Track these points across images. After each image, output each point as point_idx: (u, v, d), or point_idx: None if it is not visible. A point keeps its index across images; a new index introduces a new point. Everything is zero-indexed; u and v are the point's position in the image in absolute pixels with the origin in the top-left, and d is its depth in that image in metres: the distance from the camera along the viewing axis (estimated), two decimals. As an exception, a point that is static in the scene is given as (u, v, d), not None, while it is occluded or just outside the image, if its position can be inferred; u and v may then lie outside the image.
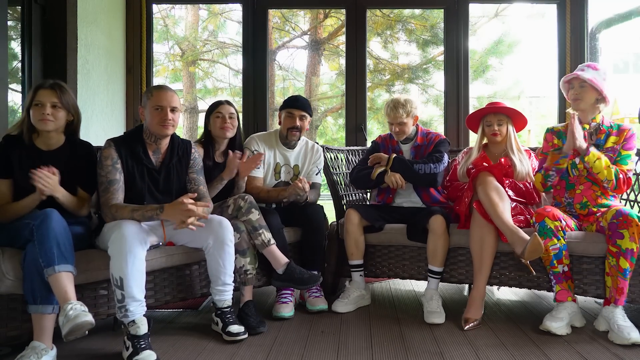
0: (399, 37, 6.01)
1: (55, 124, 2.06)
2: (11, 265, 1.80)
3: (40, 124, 2.03)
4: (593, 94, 2.33)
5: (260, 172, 2.68)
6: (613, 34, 4.63)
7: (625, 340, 2.00)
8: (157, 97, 2.14)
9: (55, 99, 2.05)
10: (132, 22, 3.78)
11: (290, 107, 2.68)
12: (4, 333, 1.83)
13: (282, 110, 2.72)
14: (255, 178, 2.66)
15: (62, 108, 2.08)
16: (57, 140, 2.13)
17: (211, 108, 2.63)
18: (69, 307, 1.70)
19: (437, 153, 2.64)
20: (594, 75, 2.32)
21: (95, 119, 3.37)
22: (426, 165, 2.57)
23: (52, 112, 2.03)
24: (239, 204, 2.37)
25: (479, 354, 1.96)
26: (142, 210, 2.01)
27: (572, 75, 2.36)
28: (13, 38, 3.04)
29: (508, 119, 2.62)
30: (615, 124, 2.39)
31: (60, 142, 2.14)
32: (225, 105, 2.60)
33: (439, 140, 2.71)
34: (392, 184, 2.57)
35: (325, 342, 2.10)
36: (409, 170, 2.57)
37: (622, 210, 2.14)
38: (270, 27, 4.80)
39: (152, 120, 2.13)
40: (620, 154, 2.32)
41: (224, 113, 2.57)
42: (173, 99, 2.16)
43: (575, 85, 2.36)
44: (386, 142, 2.82)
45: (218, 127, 2.57)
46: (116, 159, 2.10)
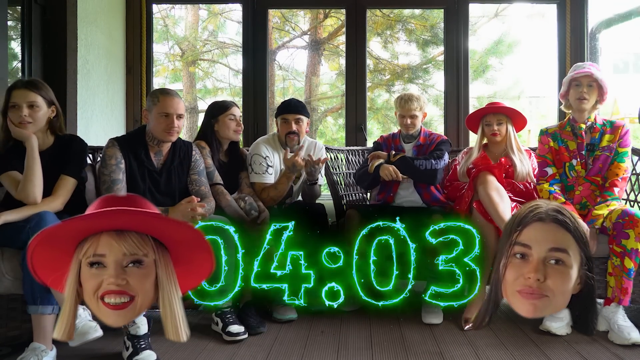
0: (399, 37, 6.00)
1: (35, 126, 1.99)
2: (11, 266, 1.80)
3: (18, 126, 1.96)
4: (597, 94, 2.34)
5: (272, 177, 2.66)
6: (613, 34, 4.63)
7: (625, 340, 2.00)
8: (163, 103, 2.12)
9: (32, 97, 1.97)
10: (132, 22, 3.78)
11: (283, 112, 2.66)
12: (4, 333, 1.84)
13: (277, 118, 2.71)
14: (266, 184, 2.65)
15: (41, 106, 2.00)
16: (43, 140, 2.06)
17: (221, 109, 2.58)
18: None
19: (438, 151, 2.67)
20: (601, 75, 2.32)
21: (95, 119, 3.37)
22: (427, 161, 2.59)
23: (29, 112, 1.96)
24: (239, 204, 2.37)
25: (479, 354, 1.96)
26: None
27: (584, 72, 2.31)
28: (13, 38, 3.04)
29: (508, 118, 2.62)
30: (608, 121, 2.40)
31: (48, 143, 2.08)
32: (236, 108, 2.60)
33: (440, 140, 2.74)
34: (387, 177, 2.57)
35: (325, 342, 2.10)
36: (410, 166, 2.58)
37: (627, 210, 2.14)
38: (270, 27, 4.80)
39: (158, 126, 2.12)
40: (617, 152, 2.33)
41: (236, 116, 2.57)
42: (179, 106, 2.15)
43: (584, 84, 2.33)
44: (388, 142, 2.82)
45: (232, 130, 2.56)
46: (120, 159, 2.10)
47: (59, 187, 2.02)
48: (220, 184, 2.43)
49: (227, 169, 2.59)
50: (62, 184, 2.03)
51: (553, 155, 2.46)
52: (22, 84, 1.99)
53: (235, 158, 2.67)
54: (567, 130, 2.44)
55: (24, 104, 1.96)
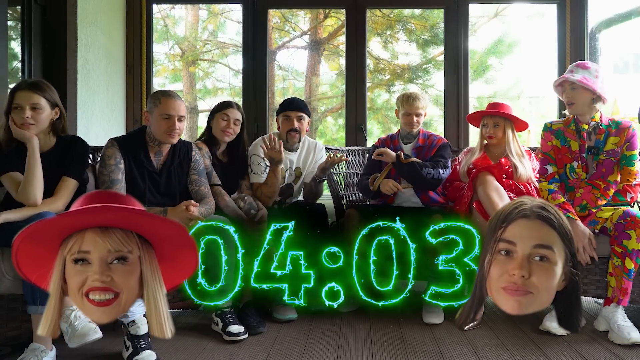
0: (399, 37, 6.00)
1: (37, 127, 1.98)
2: (11, 266, 1.80)
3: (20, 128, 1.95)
4: (587, 94, 2.26)
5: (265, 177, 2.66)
6: (613, 34, 4.62)
7: (625, 340, 2.00)
8: (165, 105, 2.11)
9: (35, 99, 1.96)
10: (132, 22, 3.78)
11: (286, 109, 2.65)
12: (4, 333, 1.84)
13: (278, 115, 2.70)
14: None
15: (44, 108, 1.99)
16: (45, 142, 2.05)
17: (219, 107, 2.59)
18: (72, 315, 1.70)
19: (442, 159, 2.65)
20: (583, 75, 2.25)
21: (95, 119, 3.37)
22: (435, 170, 2.57)
23: (32, 114, 1.95)
24: (238, 204, 2.37)
25: (479, 354, 1.96)
26: None
27: (561, 79, 2.30)
28: (13, 38, 3.04)
29: (506, 121, 2.60)
30: (613, 121, 2.34)
31: (50, 144, 2.08)
32: (235, 110, 2.57)
33: (441, 144, 2.72)
34: (389, 192, 2.57)
35: (325, 342, 2.10)
36: (417, 173, 2.56)
37: (629, 211, 2.13)
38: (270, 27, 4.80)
39: (159, 128, 2.12)
40: (625, 156, 2.28)
41: (230, 117, 2.56)
42: (181, 108, 2.15)
43: (567, 89, 2.31)
44: (387, 144, 2.81)
45: (220, 129, 2.55)
46: (119, 159, 2.10)
47: (61, 188, 2.02)
48: (219, 184, 2.43)
49: (225, 169, 2.59)
50: (64, 185, 2.03)
51: (555, 154, 2.42)
52: (25, 85, 1.98)
53: (234, 158, 2.66)
54: (572, 129, 2.38)
55: (27, 106, 1.95)
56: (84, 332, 1.67)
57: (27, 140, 1.94)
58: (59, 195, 2.00)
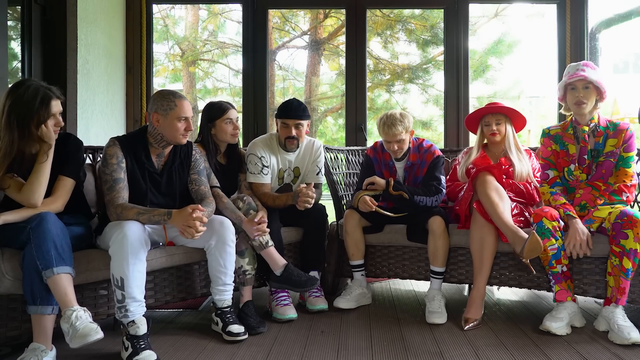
0: (399, 37, 6.01)
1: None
2: (11, 266, 1.80)
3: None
4: (595, 94, 2.30)
5: (268, 177, 2.65)
6: (613, 34, 4.63)
7: (625, 340, 2.00)
8: (180, 107, 2.11)
9: (61, 107, 2.01)
10: (132, 22, 3.78)
11: (283, 117, 2.60)
12: (4, 333, 1.83)
13: (277, 119, 2.68)
14: (263, 185, 2.62)
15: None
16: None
17: (218, 113, 2.54)
18: (73, 315, 1.69)
19: (435, 181, 2.54)
20: (596, 75, 2.28)
21: (95, 119, 3.37)
22: (428, 198, 2.50)
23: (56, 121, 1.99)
24: (237, 205, 2.37)
25: (479, 354, 1.96)
26: (149, 214, 1.99)
27: (578, 77, 2.27)
28: (13, 38, 3.04)
29: (507, 118, 2.61)
30: (611, 123, 2.34)
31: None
32: (233, 110, 2.57)
33: (433, 162, 2.60)
34: (365, 210, 2.50)
35: (325, 342, 2.10)
36: (408, 202, 2.49)
37: (626, 210, 2.13)
38: (270, 27, 4.81)
39: (175, 130, 2.11)
40: (622, 158, 2.29)
41: (233, 119, 2.55)
42: (190, 109, 2.19)
43: (579, 87, 2.29)
44: (379, 157, 2.71)
45: (229, 134, 2.54)
46: (121, 158, 2.09)
47: (58, 188, 2.02)
48: (217, 186, 2.43)
49: (225, 172, 2.59)
50: (61, 185, 2.03)
51: (555, 159, 2.42)
52: (55, 95, 1.99)
53: (233, 160, 2.66)
54: (569, 133, 2.39)
55: (58, 113, 1.99)
56: (85, 333, 1.67)
57: (50, 147, 1.96)
58: (57, 195, 2.00)
